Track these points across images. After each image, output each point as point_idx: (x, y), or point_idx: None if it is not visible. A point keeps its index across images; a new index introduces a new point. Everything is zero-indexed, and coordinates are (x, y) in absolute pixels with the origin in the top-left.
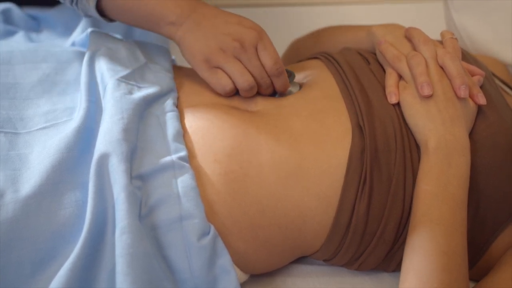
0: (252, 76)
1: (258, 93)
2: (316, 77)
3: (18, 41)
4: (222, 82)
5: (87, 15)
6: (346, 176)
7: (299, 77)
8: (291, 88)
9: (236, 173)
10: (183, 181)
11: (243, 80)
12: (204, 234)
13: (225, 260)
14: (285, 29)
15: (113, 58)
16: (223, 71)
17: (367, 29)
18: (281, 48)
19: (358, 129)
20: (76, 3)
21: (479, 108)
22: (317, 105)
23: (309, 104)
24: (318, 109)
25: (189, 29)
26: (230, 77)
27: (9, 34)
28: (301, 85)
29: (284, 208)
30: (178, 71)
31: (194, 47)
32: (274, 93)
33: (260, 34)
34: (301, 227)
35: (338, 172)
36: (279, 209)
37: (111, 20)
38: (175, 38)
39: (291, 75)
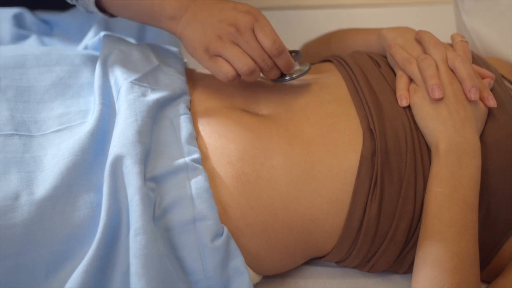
0: (253, 59)
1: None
2: (327, 80)
3: (31, 45)
4: (224, 70)
5: (88, 11)
6: (357, 179)
7: (310, 82)
8: (300, 67)
9: (248, 176)
10: (197, 183)
11: (242, 64)
12: (218, 235)
13: (238, 261)
14: (295, 32)
15: (126, 61)
16: (223, 58)
17: (377, 32)
18: None
19: (369, 132)
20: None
21: (490, 110)
22: (328, 109)
23: (320, 109)
24: (329, 113)
25: (188, 22)
26: (230, 64)
27: (22, 38)
28: (310, 65)
29: (296, 211)
30: (190, 74)
31: (193, 39)
32: (284, 76)
33: (256, 16)
34: (312, 230)
35: (349, 175)
36: (291, 212)
37: (112, 15)
38: (176, 33)
39: (297, 53)
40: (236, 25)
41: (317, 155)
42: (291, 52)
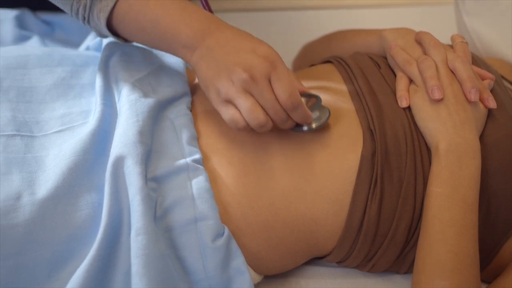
0: (265, 110)
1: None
2: (327, 82)
3: (33, 46)
4: (234, 118)
5: (102, 35)
6: (357, 179)
7: (310, 83)
8: (319, 114)
9: (249, 176)
10: (198, 183)
11: (253, 118)
12: (219, 235)
13: (239, 261)
14: (296, 33)
15: (128, 61)
16: (234, 106)
17: (377, 33)
18: (292, 52)
19: (369, 133)
20: (88, 21)
21: (489, 111)
22: None
23: None
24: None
25: (202, 55)
26: (241, 113)
27: (24, 39)
28: (329, 110)
29: (296, 211)
30: (191, 75)
31: (206, 77)
32: (300, 126)
33: (274, 63)
34: (313, 230)
35: (350, 175)
36: (291, 212)
37: (125, 40)
38: (189, 63)
39: (316, 99)
40: (251, 73)
41: (318, 157)
42: (309, 95)
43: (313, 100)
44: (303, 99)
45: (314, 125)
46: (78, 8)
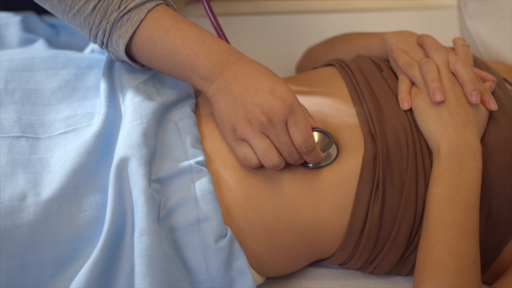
0: (279, 151)
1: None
2: (329, 86)
3: (39, 48)
4: (248, 157)
5: (119, 60)
6: (359, 183)
7: (312, 87)
8: (328, 152)
9: (252, 179)
10: (201, 185)
11: (268, 160)
12: (221, 236)
13: (241, 262)
14: (300, 36)
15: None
16: (249, 144)
17: (380, 36)
18: (296, 55)
19: (370, 136)
20: (107, 46)
21: (491, 113)
22: (329, 116)
23: (322, 115)
24: (329, 121)
25: (219, 89)
26: (255, 153)
27: (29, 42)
28: (338, 147)
29: (299, 216)
30: None
31: (223, 111)
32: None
33: (292, 106)
34: (315, 234)
35: (352, 181)
36: (294, 217)
37: (142, 66)
38: (206, 94)
39: (329, 138)
40: (269, 116)
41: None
42: (320, 131)
43: (325, 140)
44: (315, 135)
45: (321, 164)
46: (97, 33)
